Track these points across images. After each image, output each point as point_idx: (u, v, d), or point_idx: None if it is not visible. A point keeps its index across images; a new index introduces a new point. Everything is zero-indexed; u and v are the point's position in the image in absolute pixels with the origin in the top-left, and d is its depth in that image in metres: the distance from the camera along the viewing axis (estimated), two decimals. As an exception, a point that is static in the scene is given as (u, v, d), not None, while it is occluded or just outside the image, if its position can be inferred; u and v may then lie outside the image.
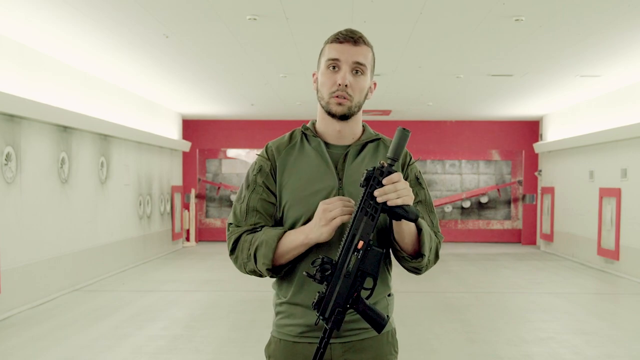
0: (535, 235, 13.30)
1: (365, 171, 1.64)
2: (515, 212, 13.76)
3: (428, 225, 1.84)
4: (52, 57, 7.06)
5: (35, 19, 5.54)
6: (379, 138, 1.89)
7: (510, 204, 13.80)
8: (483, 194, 13.66)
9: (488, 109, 11.50)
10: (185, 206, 13.00)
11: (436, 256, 1.82)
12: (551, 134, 12.08)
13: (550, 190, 12.16)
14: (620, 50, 6.61)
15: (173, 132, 12.11)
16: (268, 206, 1.83)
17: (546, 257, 11.27)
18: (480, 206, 13.79)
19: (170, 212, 11.97)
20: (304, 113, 11.79)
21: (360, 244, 1.62)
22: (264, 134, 13.01)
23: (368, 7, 5.20)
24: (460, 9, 5.25)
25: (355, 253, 1.63)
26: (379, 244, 1.78)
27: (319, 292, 1.65)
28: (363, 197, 1.63)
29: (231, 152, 14.00)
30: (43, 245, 6.85)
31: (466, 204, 13.65)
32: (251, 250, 1.77)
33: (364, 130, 1.89)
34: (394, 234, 1.73)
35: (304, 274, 1.69)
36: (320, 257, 1.63)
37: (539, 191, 13.02)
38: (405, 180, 1.67)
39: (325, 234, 1.68)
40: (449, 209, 13.63)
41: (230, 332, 5.62)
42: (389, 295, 1.88)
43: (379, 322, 1.68)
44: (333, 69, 1.78)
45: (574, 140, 10.59)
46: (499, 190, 13.68)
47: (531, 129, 13.13)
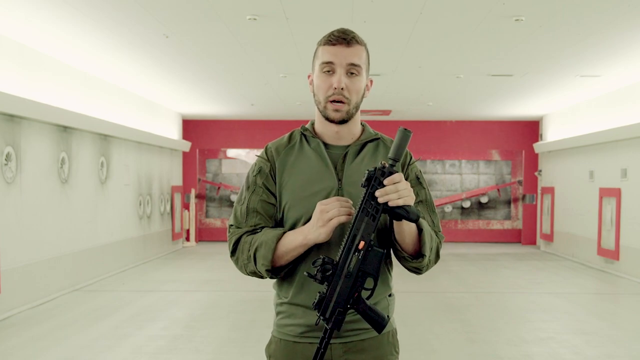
0: (535, 235, 13.30)
1: (366, 171, 1.63)
2: (515, 212, 13.76)
3: (429, 225, 1.84)
4: (52, 57, 7.06)
5: (35, 19, 5.54)
6: (378, 137, 1.88)
7: (510, 204, 13.80)
8: (483, 194, 13.66)
9: (488, 109, 11.50)
10: (185, 206, 13.00)
11: (437, 256, 1.82)
12: (551, 134, 12.08)
13: (550, 190, 12.16)
14: (620, 50, 6.61)
15: (173, 132, 12.11)
16: (268, 207, 1.83)
17: (546, 257, 11.27)
18: (480, 206, 13.79)
19: (170, 212, 11.97)
20: (304, 113, 11.79)
21: (362, 244, 1.62)
22: (264, 134, 13.01)
23: (368, 7, 5.19)
24: (460, 9, 5.25)
25: (356, 253, 1.63)
26: (380, 244, 1.78)
27: (319, 292, 1.65)
28: (364, 198, 1.63)
29: (231, 152, 14.00)
30: (43, 245, 6.85)
31: (466, 204, 13.65)
32: (251, 251, 1.77)
33: (363, 130, 1.88)
34: (394, 234, 1.73)
35: (304, 274, 1.69)
36: (321, 258, 1.63)
37: (539, 191, 13.02)
38: (406, 181, 1.67)
39: (323, 235, 1.68)
40: (449, 209, 13.63)
41: (230, 332, 5.62)
42: (390, 295, 1.88)
43: (379, 323, 1.68)
44: (328, 72, 1.77)
45: (574, 140, 10.59)
46: (499, 190, 13.68)
47: (531, 129, 13.13)
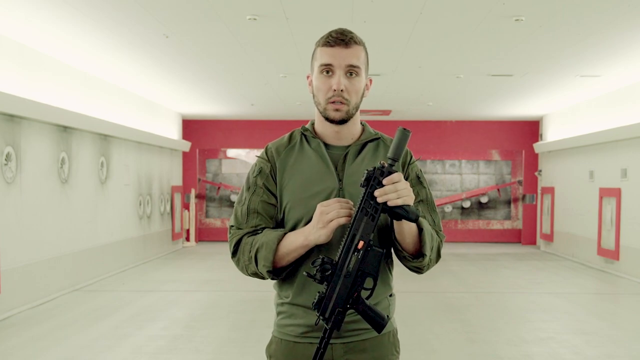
0: (535, 235, 13.30)
1: (365, 171, 1.63)
2: (515, 212, 13.76)
3: (429, 224, 1.84)
4: (52, 57, 7.06)
5: (35, 19, 5.54)
6: (379, 137, 1.88)
7: (510, 204, 13.80)
8: (483, 194, 13.66)
9: (488, 109, 11.50)
10: (185, 206, 13.00)
11: (438, 255, 1.82)
12: (551, 134, 12.08)
13: (550, 190, 12.16)
14: (620, 50, 6.61)
15: (173, 132, 12.11)
16: (269, 208, 1.83)
17: (546, 257, 11.27)
18: (480, 206, 13.79)
19: (170, 212, 11.97)
20: (304, 113, 11.79)
21: (361, 244, 1.62)
22: (264, 134, 13.00)
23: (368, 7, 5.19)
24: (460, 9, 5.25)
25: (355, 253, 1.63)
26: (380, 243, 1.78)
27: (319, 292, 1.65)
28: (363, 198, 1.63)
29: (231, 152, 14.00)
30: (43, 245, 6.85)
31: (466, 204, 13.65)
32: (252, 252, 1.77)
33: (363, 130, 1.88)
34: (395, 234, 1.73)
35: (304, 274, 1.69)
36: (321, 257, 1.63)
37: (539, 191, 13.01)
38: (405, 181, 1.66)
39: (323, 236, 1.68)
40: (449, 209, 13.63)
41: (230, 332, 5.62)
42: (391, 295, 1.88)
43: (379, 322, 1.68)
44: (327, 73, 1.76)
45: (574, 140, 10.59)
46: (499, 190, 13.68)
47: (531, 129, 13.12)
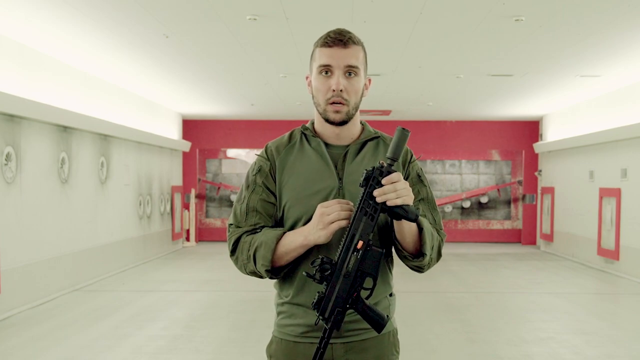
0: (535, 235, 13.30)
1: (364, 171, 1.63)
2: (515, 212, 13.75)
3: (430, 223, 1.84)
4: (52, 57, 7.06)
5: (35, 19, 5.54)
6: (378, 136, 1.88)
7: (510, 204, 13.79)
8: (483, 194, 13.66)
9: (488, 109, 11.50)
10: (185, 206, 13.00)
11: (439, 254, 1.82)
12: (551, 134, 12.08)
13: (550, 190, 12.16)
14: (620, 50, 6.61)
15: (173, 132, 12.11)
16: (268, 206, 1.83)
17: (546, 257, 11.27)
18: (480, 206, 13.79)
19: (170, 212, 11.97)
20: (304, 113, 11.79)
21: (360, 244, 1.62)
22: (264, 134, 13.00)
23: (368, 7, 5.19)
24: (460, 9, 5.25)
25: (354, 253, 1.63)
26: (381, 243, 1.78)
27: (318, 292, 1.65)
28: (362, 197, 1.63)
29: (231, 152, 14.00)
30: (43, 245, 6.85)
31: (466, 204, 13.65)
32: (250, 251, 1.77)
33: (363, 129, 1.88)
34: (395, 233, 1.73)
35: (303, 274, 1.69)
36: (320, 257, 1.63)
37: (539, 191, 13.01)
38: (405, 180, 1.66)
39: (323, 237, 1.68)
40: (449, 209, 13.63)
41: (230, 332, 5.62)
42: (391, 295, 1.88)
43: (378, 322, 1.68)
44: (326, 74, 1.76)
45: (574, 140, 10.59)
46: (499, 190, 13.68)
47: (531, 129, 13.12)
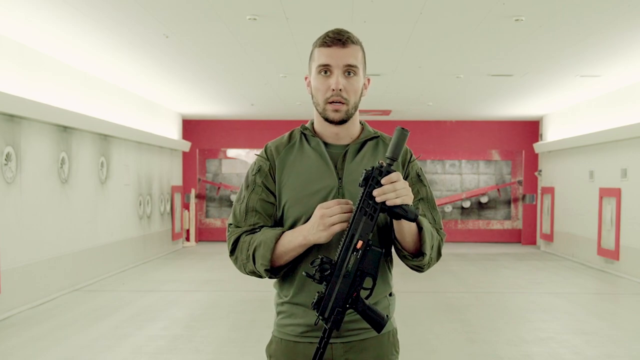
0: (535, 235, 13.30)
1: (363, 171, 1.63)
2: (515, 212, 13.75)
3: (430, 222, 1.84)
4: (52, 57, 7.06)
5: (35, 19, 5.54)
6: (378, 136, 1.89)
7: (510, 204, 13.79)
8: (483, 194, 13.66)
9: (488, 109, 11.49)
10: (185, 206, 13.00)
11: (439, 253, 1.82)
12: (551, 134, 12.08)
13: (550, 190, 12.16)
14: (620, 50, 6.61)
15: (173, 132, 12.11)
16: (267, 206, 1.83)
17: (546, 257, 11.27)
18: (480, 206, 13.79)
19: (170, 212, 11.97)
20: (304, 113, 11.79)
21: (360, 243, 1.62)
22: (264, 134, 13.00)
23: (368, 7, 5.19)
24: (460, 9, 5.25)
25: (354, 253, 1.63)
26: (380, 242, 1.78)
27: (318, 292, 1.65)
28: (362, 197, 1.63)
29: (231, 152, 14.00)
30: (43, 245, 6.85)
31: (466, 204, 13.65)
32: (250, 251, 1.77)
33: (362, 129, 1.88)
34: (394, 233, 1.73)
35: (303, 274, 1.69)
36: (320, 257, 1.63)
37: (539, 191, 13.01)
38: (404, 180, 1.66)
39: (323, 238, 1.68)
40: (449, 209, 13.63)
41: (230, 332, 5.62)
42: (390, 294, 1.88)
43: (378, 322, 1.68)
44: (325, 73, 1.77)
45: (574, 140, 10.59)
46: (499, 190, 13.68)
47: (531, 129, 13.12)
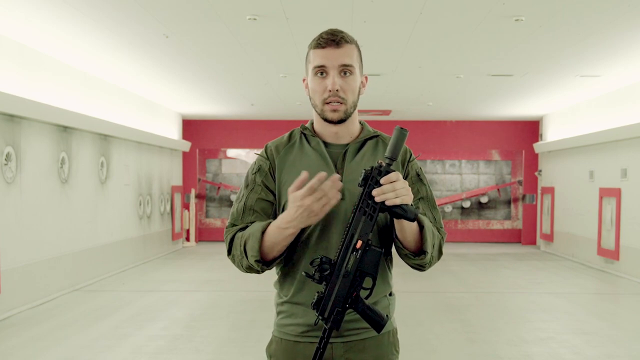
0: (535, 235, 13.30)
1: (363, 171, 1.64)
2: (515, 212, 13.75)
3: (430, 221, 1.84)
4: (52, 57, 7.06)
5: (35, 19, 5.54)
6: (378, 135, 1.89)
7: (510, 204, 13.79)
8: (483, 194, 13.66)
9: (488, 109, 11.49)
10: (185, 206, 13.00)
11: (439, 252, 1.82)
12: (551, 134, 12.08)
13: (550, 190, 12.16)
14: (620, 50, 6.61)
15: (173, 132, 12.11)
16: (265, 205, 1.84)
17: (546, 257, 11.27)
18: (480, 206, 13.79)
19: (170, 212, 11.97)
20: (304, 113, 11.79)
21: (359, 243, 1.62)
22: (264, 134, 13.00)
23: (368, 7, 5.19)
24: (460, 9, 5.25)
25: (354, 253, 1.63)
26: (380, 242, 1.78)
27: (317, 292, 1.65)
28: (361, 197, 1.63)
29: (231, 152, 14.00)
30: (43, 245, 6.85)
31: (466, 204, 13.65)
32: (242, 246, 1.77)
33: (362, 128, 1.89)
34: (395, 232, 1.73)
35: (302, 274, 1.69)
36: (319, 257, 1.63)
37: (539, 191, 13.01)
38: (403, 180, 1.66)
39: (313, 222, 1.68)
40: (449, 209, 13.63)
41: (230, 332, 5.62)
42: (390, 294, 1.88)
43: (378, 322, 1.68)
44: (321, 74, 1.77)
45: (574, 140, 10.59)
46: (499, 190, 13.68)
47: (531, 129, 13.12)
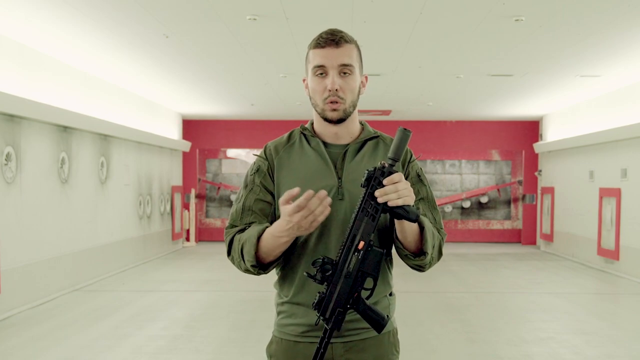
0: (535, 235, 13.30)
1: (365, 171, 1.63)
2: (515, 212, 13.75)
3: (430, 222, 1.84)
4: (52, 57, 7.06)
5: (35, 19, 5.54)
6: (378, 136, 1.89)
7: (510, 204, 13.80)
8: (483, 194, 13.66)
9: (488, 109, 11.49)
10: (185, 206, 13.00)
11: (439, 253, 1.82)
12: (551, 134, 12.08)
13: (550, 190, 12.16)
14: (620, 50, 6.61)
15: (173, 132, 12.11)
16: (264, 206, 1.83)
17: (546, 257, 11.27)
18: (480, 206, 13.79)
19: (170, 212, 11.97)
20: (304, 113, 11.79)
21: (361, 244, 1.62)
22: (264, 134, 13.00)
23: (368, 7, 5.19)
24: (460, 9, 5.25)
25: (355, 253, 1.63)
26: (381, 242, 1.78)
27: (319, 293, 1.65)
28: (364, 198, 1.63)
29: (231, 152, 14.00)
30: (43, 245, 6.84)
31: (466, 204, 13.65)
32: (240, 249, 1.77)
33: (362, 129, 1.89)
34: (396, 233, 1.73)
35: (304, 274, 1.69)
36: (321, 258, 1.63)
37: (539, 191, 13.01)
38: (406, 181, 1.67)
39: (307, 233, 1.68)
40: (449, 209, 13.63)
41: (230, 332, 5.62)
42: (390, 294, 1.88)
43: (378, 322, 1.68)
44: (321, 74, 1.77)
45: (574, 140, 10.59)
46: (499, 190, 13.68)
47: (531, 129, 13.12)
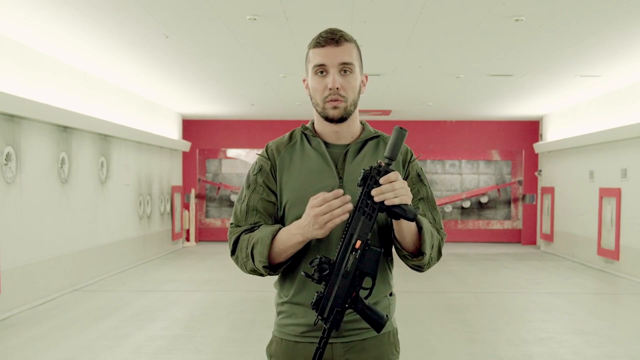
0: (535, 235, 13.30)
1: (362, 171, 1.64)
2: (515, 212, 13.75)
3: (430, 222, 1.84)
4: (52, 57, 7.06)
5: (35, 19, 5.54)
6: (378, 135, 1.89)
7: (510, 204, 13.79)
8: (483, 194, 13.66)
9: (488, 109, 11.50)
10: (185, 206, 13.00)
11: (439, 253, 1.82)
12: (551, 134, 12.08)
13: (550, 190, 12.16)
14: (620, 50, 6.61)
15: (173, 132, 12.11)
16: (268, 205, 1.84)
17: (546, 257, 11.27)
18: (480, 206, 13.78)
19: (170, 212, 11.97)
20: (304, 113, 11.79)
21: (358, 243, 1.62)
22: (264, 134, 13.01)
23: (368, 7, 5.20)
24: (460, 9, 5.25)
25: (353, 252, 1.63)
26: (380, 242, 1.78)
27: (317, 292, 1.65)
28: (360, 197, 1.63)
29: (231, 152, 14.00)
30: (43, 245, 6.84)
31: (466, 204, 13.65)
32: (249, 249, 1.77)
33: (363, 128, 1.89)
34: (394, 233, 1.73)
35: (302, 274, 1.69)
36: (318, 257, 1.63)
37: (539, 191, 13.01)
38: (403, 180, 1.67)
39: (320, 235, 1.68)
40: (449, 209, 13.63)
41: (230, 332, 5.62)
42: (390, 294, 1.88)
43: (378, 322, 1.68)
44: (321, 73, 1.77)
45: (574, 140, 10.59)
46: (499, 190, 13.68)
47: (531, 129, 13.12)
